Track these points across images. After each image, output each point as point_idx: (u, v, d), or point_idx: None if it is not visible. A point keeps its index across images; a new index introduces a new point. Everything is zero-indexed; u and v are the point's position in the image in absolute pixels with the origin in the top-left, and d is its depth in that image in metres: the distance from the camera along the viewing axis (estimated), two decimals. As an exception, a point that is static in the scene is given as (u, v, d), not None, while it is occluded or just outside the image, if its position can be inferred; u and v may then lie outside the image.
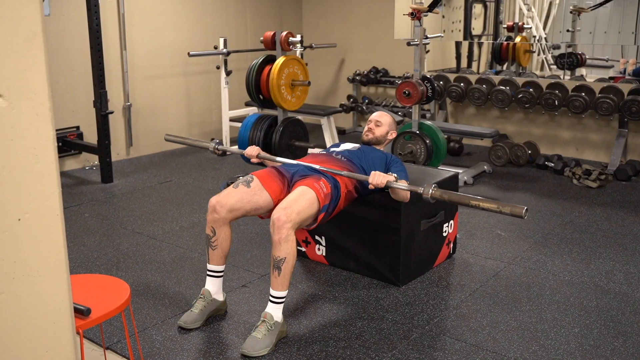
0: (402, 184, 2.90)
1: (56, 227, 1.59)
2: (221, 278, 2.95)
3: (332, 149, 3.34)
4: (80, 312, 1.95)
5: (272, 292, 2.72)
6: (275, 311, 2.72)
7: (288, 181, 2.99)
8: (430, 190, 2.76)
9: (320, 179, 2.91)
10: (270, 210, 2.93)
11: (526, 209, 2.51)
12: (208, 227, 2.90)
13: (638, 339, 2.78)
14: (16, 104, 1.47)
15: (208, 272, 2.94)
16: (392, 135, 3.46)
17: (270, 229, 2.71)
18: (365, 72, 7.39)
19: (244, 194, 2.89)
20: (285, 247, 2.66)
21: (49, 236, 1.58)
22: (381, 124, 3.41)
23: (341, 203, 3.03)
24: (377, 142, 3.40)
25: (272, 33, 4.98)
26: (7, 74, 1.45)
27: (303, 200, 2.77)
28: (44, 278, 1.59)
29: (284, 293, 2.72)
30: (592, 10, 6.40)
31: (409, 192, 3.04)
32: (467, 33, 7.02)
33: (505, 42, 6.94)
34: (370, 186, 2.89)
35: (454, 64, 7.21)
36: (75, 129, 5.71)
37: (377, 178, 2.86)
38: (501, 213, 2.57)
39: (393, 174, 2.92)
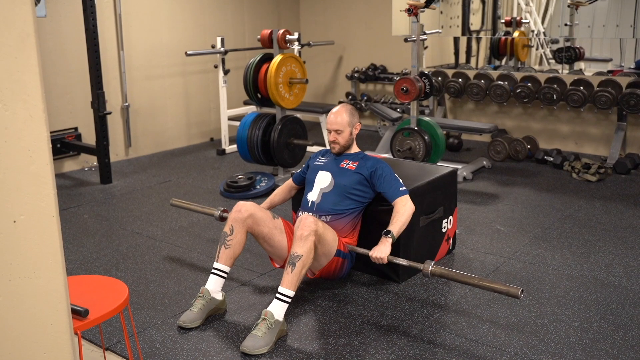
0: (403, 260, 2.91)
1: (52, 228, 1.59)
2: (224, 279, 2.97)
3: (310, 199, 3.18)
4: (78, 314, 1.95)
5: (281, 289, 2.74)
6: (277, 310, 2.72)
7: None
8: (430, 268, 2.78)
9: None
10: (280, 258, 3.09)
11: (522, 290, 2.54)
12: (228, 225, 2.98)
13: (638, 331, 2.78)
14: (10, 106, 1.47)
15: (213, 271, 2.95)
16: (357, 129, 3.25)
17: (296, 225, 2.82)
18: (364, 69, 7.38)
19: (268, 218, 3.04)
20: (305, 246, 2.74)
21: (45, 237, 1.59)
22: (341, 130, 3.17)
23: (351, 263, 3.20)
24: (345, 149, 3.25)
25: (269, 31, 4.97)
26: (0, 76, 1.45)
27: (329, 229, 2.95)
28: (41, 280, 1.59)
29: (291, 293, 2.74)
30: (590, 3, 6.38)
31: (410, 211, 3.07)
32: (465, 28, 7.01)
33: (503, 37, 6.93)
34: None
35: (452, 60, 7.21)
36: (73, 130, 5.71)
37: (379, 261, 2.89)
38: (497, 292, 2.63)
39: (389, 236, 2.93)
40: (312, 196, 3.20)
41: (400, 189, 3.11)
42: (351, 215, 3.16)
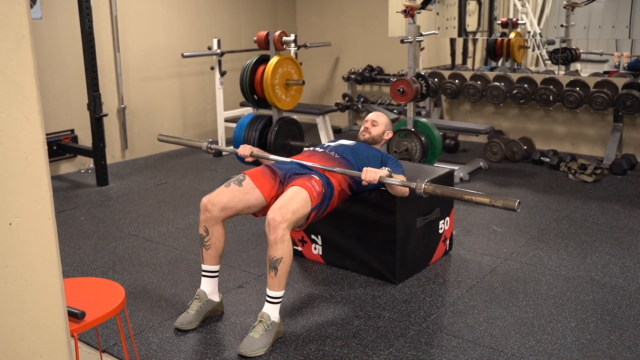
0: (395, 180, 2.89)
1: (48, 230, 1.59)
2: (216, 278, 2.95)
3: (327, 144, 3.35)
4: (75, 316, 1.95)
5: (269, 292, 2.72)
6: (272, 311, 2.71)
7: (281, 179, 2.99)
8: (423, 185, 2.75)
9: (312, 178, 2.90)
10: (264, 209, 2.95)
11: (518, 202, 2.50)
12: (201, 226, 2.91)
13: (634, 332, 2.79)
14: (5, 108, 1.46)
15: (203, 273, 2.94)
16: (388, 135, 3.45)
17: (266, 229, 2.70)
18: (360, 71, 7.38)
19: (235, 192, 2.91)
20: (282, 247, 2.66)
21: (41, 240, 1.58)
22: (377, 123, 3.41)
23: (334, 202, 3.03)
24: (373, 142, 3.40)
25: (265, 33, 4.97)
26: (-5, 77, 1.44)
27: (297, 200, 2.77)
28: (37, 282, 1.58)
29: (280, 293, 2.72)
30: (585, 5, 6.40)
31: (405, 190, 3.04)
32: (462, 30, 7.02)
33: (499, 38, 6.94)
34: (364, 182, 2.88)
35: (448, 61, 7.22)
36: (69, 132, 5.70)
37: (370, 174, 2.85)
38: (494, 206, 2.58)
39: (387, 169, 2.92)
40: (330, 143, 3.33)
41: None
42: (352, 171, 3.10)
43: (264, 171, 3.02)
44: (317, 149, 3.29)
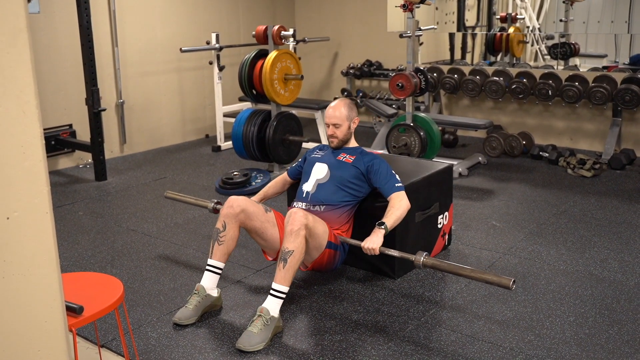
0: (394, 252, 2.88)
1: (46, 225, 1.58)
2: (219, 276, 2.96)
3: (305, 190, 3.20)
4: (73, 311, 1.94)
5: (274, 285, 2.73)
6: (272, 306, 2.72)
7: None
8: (422, 259, 2.77)
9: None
10: (273, 251, 3.07)
11: (513, 281, 2.50)
12: (220, 221, 2.96)
13: (633, 326, 2.79)
14: (2, 102, 1.46)
15: (207, 267, 2.94)
16: (355, 123, 3.25)
17: (286, 219, 2.80)
18: (359, 65, 7.37)
19: (261, 212, 3.01)
20: (295, 241, 2.72)
21: (39, 234, 1.58)
22: (339, 124, 3.17)
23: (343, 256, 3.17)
24: (344, 143, 3.26)
25: (264, 27, 4.96)
26: (-8, 71, 1.44)
27: (319, 221, 2.92)
28: (35, 277, 1.58)
29: (285, 288, 2.73)
30: (584, -1, 6.39)
31: (405, 207, 3.06)
32: (461, 24, 7.01)
33: (498, 33, 6.93)
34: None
35: (447, 56, 7.21)
36: (68, 127, 5.69)
37: (370, 252, 2.88)
38: (489, 283, 2.59)
39: (382, 227, 2.92)
40: (308, 187, 3.20)
41: (396, 185, 3.11)
42: (345, 208, 3.14)
43: (283, 221, 3.06)
44: (301, 204, 3.16)
